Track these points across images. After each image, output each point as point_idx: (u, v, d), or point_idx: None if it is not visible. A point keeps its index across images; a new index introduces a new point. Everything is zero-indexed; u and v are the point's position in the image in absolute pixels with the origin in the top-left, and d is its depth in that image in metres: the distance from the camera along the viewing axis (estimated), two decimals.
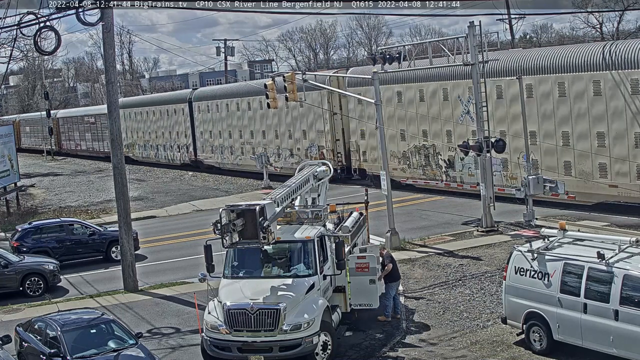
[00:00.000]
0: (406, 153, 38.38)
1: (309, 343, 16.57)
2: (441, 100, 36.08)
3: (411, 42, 71.90)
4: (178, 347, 19.16)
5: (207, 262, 17.86)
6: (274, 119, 47.58)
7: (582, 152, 29.49)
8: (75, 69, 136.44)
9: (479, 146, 27.69)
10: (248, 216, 16.27)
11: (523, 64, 32.03)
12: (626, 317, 14.94)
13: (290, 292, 16.90)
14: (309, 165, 22.60)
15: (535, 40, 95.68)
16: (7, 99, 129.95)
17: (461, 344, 17.93)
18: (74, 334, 16.44)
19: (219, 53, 79.99)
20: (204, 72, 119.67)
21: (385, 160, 28.26)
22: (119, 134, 24.92)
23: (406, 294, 21.86)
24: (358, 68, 48.01)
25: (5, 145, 43.25)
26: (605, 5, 61.33)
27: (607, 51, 28.64)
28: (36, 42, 24.05)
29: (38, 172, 68.12)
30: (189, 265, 27.12)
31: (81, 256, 29.51)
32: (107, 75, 25.15)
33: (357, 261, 18.84)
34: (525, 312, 17.02)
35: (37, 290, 25.29)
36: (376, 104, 28.09)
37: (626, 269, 15.17)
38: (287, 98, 31.02)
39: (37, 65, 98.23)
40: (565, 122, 30.29)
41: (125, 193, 24.94)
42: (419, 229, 29.67)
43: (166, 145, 61.84)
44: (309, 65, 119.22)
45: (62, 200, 47.41)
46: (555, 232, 17.41)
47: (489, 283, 21.99)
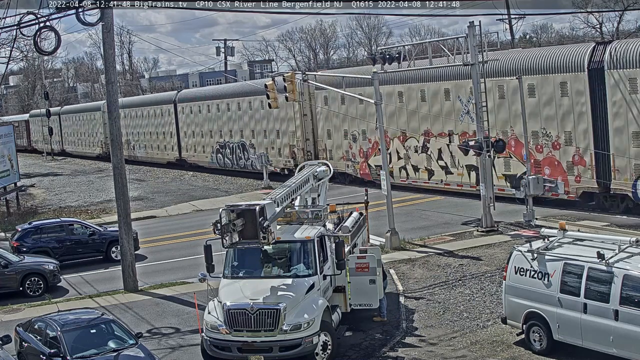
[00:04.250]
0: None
1: (309, 343, 16.57)
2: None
3: (411, 42, 71.87)
4: (178, 347, 19.16)
5: (207, 262, 17.87)
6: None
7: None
8: (75, 69, 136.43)
9: (479, 146, 27.70)
10: (248, 216, 16.28)
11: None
12: (626, 317, 14.95)
13: (290, 292, 16.90)
14: (308, 166, 22.61)
15: (535, 40, 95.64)
16: (7, 99, 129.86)
17: (461, 344, 17.93)
18: (74, 334, 16.44)
19: (218, 53, 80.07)
20: (204, 72, 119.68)
21: (385, 160, 28.26)
22: (119, 134, 24.91)
23: (406, 294, 21.86)
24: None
25: (5, 145, 43.24)
26: (605, 5, 61.33)
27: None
28: (36, 42, 24.06)
29: (38, 172, 68.13)
30: (189, 265, 27.12)
31: (81, 256, 29.51)
32: (107, 75, 25.14)
33: (357, 261, 18.83)
34: (525, 312, 17.02)
35: (37, 290, 25.29)
36: (376, 103, 28.09)
37: (626, 269, 15.18)
38: (287, 98, 31.13)
39: (37, 65, 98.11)
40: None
41: (125, 193, 24.94)
42: (418, 229, 29.68)
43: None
44: (309, 65, 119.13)
45: (62, 200, 47.42)
46: (555, 232, 17.41)
47: (489, 283, 21.99)
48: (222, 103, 53.07)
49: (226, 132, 52.66)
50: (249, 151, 50.17)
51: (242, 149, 50.87)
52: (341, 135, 42.50)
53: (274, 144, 47.68)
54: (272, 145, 47.88)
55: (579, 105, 29.60)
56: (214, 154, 54.23)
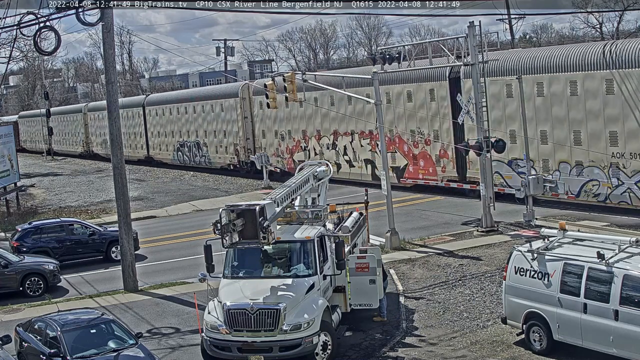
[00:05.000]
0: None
1: (309, 343, 16.57)
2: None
3: (411, 42, 71.88)
4: (178, 347, 19.16)
5: (207, 262, 17.87)
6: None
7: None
8: (75, 69, 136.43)
9: (479, 146, 27.70)
10: (248, 216, 16.28)
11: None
12: (626, 317, 14.95)
13: (290, 292, 16.90)
14: (308, 165, 22.60)
15: (535, 41, 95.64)
16: (7, 99, 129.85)
17: (461, 344, 17.93)
18: (74, 334, 16.44)
19: (218, 53, 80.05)
20: (204, 72, 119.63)
21: (385, 160, 28.25)
22: (119, 134, 24.91)
23: (406, 294, 21.87)
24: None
25: (5, 145, 43.26)
26: (605, 5, 61.33)
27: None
28: (36, 42, 24.06)
29: (38, 172, 68.15)
30: (189, 265, 27.12)
31: (81, 256, 29.51)
32: (107, 75, 25.14)
33: (357, 261, 18.83)
34: (525, 312, 17.03)
35: (37, 290, 25.29)
36: (376, 103, 28.09)
37: (626, 269, 15.18)
38: (287, 98, 31.11)
39: (37, 65, 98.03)
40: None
41: (125, 193, 24.94)
42: (418, 229, 29.68)
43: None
44: (309, 65, 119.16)
45: (62, 200, 47.42)
46: (555, 232, 17.41)
47: (489, 283, 21.99)
48: (182, 107, 59.53)
49: (184, 133, 59.09)
50: (202, 149, 56.67)
51: (197, 147, 57.42)
52: (272, 135, 48.71)
53: (222, 143, 53.90)
54: (220, 144, 54.15)
55: (443, 108, 35.76)
56: (175, 152, 60.60)
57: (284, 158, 47.73)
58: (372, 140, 40.02)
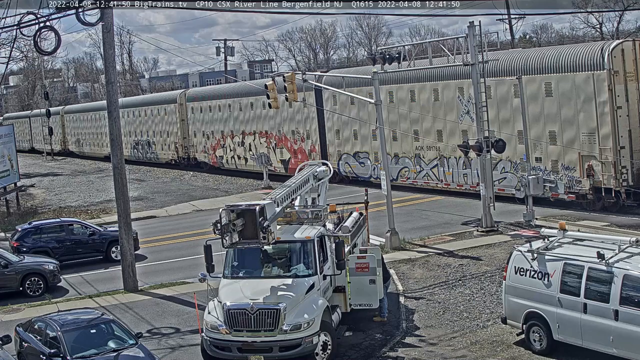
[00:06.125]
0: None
1: (309, 343, 16.57)
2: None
3: (411, 42, 71.87)
4: (178, 347, 19.16)
5: (207, 262, 17.87)
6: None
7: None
8: (75, 69, 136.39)
9: (479, 146, 27.69)
10: (248, 216, 16.29)
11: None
12: (626, 317, 14.95)
13: (290, 292, 16.90)
14: (308, 166, 22.60)
15: (535, 40, 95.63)
16: (7, 99, 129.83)
17: (461, 344, 17.94)
18: (74, 334, 16.44)
19: (218, 53, 79.94)
20: (204, 72, 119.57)
21: (386, 160, 28.25)
22: (119, 134, 24.91)
23: (406, 294, 21.87)
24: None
25: (5, 145, 43.24)
26: (605, 5, 61.29)
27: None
28: (36, 42, 24.01)
29: (38, 172, 68.15)
30: (189, 265, 27.12)
31: (81, 256, 29.50)
32: (107, 75, 25.14)
33: (357, 261, 18.82)
34: (525, 312, 17.03)
35: (37, 290, 25.29)
36: (376, 103, 28.09)
37: (626, 269, 15.18)
38: (287, 98, 31.13)
39: (37, 65, 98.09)
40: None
41: (125, 193, 24.94)
42: (418, 229, 29.68)
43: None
44: (309, 65, 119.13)
45: (62, 200, 47.42)
46: (555, 232, 17.41)
47: (489, 283, 21.99)
48: (136, 110, 68.26)
49: (139, 133, 68.10)
50: (152, 147, 65.86)
51: (148, 145, 66.73)
52: (201, 135, 57.40)
53: (166, 142, 63.12)
54: (164, 143, 63.40)
55: (312, 112, 44.35)
56: (132, 149, 68.94)
57: (209, 154, 56.60)
58: (267, 139, 48.96)
